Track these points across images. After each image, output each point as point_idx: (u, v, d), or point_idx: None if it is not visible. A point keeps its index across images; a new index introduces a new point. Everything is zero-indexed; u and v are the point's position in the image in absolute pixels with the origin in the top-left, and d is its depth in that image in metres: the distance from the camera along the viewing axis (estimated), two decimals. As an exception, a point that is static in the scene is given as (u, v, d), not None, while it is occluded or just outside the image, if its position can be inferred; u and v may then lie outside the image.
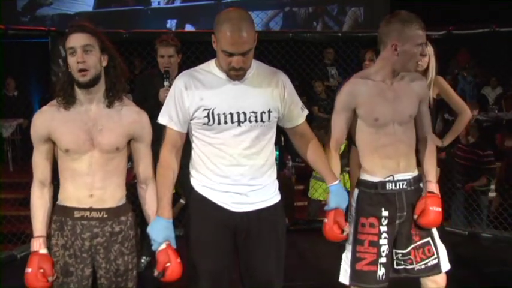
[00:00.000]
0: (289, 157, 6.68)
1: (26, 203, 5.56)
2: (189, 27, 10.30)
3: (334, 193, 2.36)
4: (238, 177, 2.21)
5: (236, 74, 2.15)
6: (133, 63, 7.07)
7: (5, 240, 5.04)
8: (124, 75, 2.25)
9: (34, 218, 2.22)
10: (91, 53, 2.13)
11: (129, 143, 2.27)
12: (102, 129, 2.17)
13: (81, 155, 2.17)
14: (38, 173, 2.24)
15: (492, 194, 5.99)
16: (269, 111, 2.21)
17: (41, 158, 2.23)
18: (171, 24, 10.48)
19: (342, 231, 2.39)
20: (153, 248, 2.18)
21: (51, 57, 4.42)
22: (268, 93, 2.22)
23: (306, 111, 2.38)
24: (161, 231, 2.16)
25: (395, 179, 2.46)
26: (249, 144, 2.20)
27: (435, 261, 2.52)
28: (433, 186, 2.53)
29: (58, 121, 2.17)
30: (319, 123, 6.01)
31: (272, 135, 2.29)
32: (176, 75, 3.69)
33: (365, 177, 2.51)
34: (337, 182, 2.36)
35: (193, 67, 2.30)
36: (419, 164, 2.60)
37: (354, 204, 2.52)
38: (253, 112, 2.18)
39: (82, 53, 2.11)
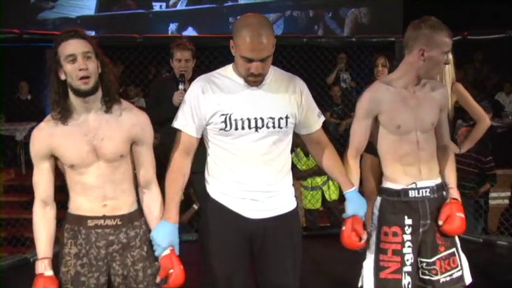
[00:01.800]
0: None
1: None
2: (191, 31, 10.28)
3: (350, 200, 2.34)
4: (255, 183, 2.20)
5: (254, 80, 2.13)
6: (147, 67, 7.10)
7: (19, 243, 5.07)
8: (117, 80, 2.19)
9: (37, 240, 2.18)
10: (91, 60, 2.06)
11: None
12: (104, 139, 2.12)
13: (87, 167, 2.12)
14: (40, 192, 2.18)
15: (498, 202, 5.98)
16: (286, 117, 2.20)
17: (42, 176, 2.17)
18: (173, 28, 10.48)
19: (360, 239, 2.35)
20: (156, 253, 2.16)
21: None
22: (286, 99, 2.21)
23: (323, 118, 2.37)
24: (166, 236, 2.15)
25: (418, 186, 2.43)
26: (266, 150, 2.19)
27: (459, 273, 2.49)
28: (456, 193, 2.51)
29: (58, 137, 2.11)
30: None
31: (289, 141, 2.27)
32: (190, 79, 3.75)
33: (387, 185, 2.48)
34: (353, 188, 2.34)
35: (206, 72, 2.29)
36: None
37: (376, 212, 2.49)
38: (270, 118, 2.17)
39: (84, 60, 2.04)
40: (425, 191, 2.44)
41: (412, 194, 2.43)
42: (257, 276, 2.31)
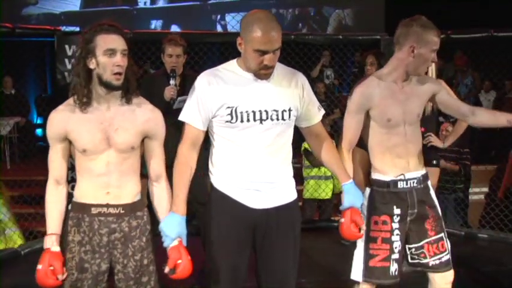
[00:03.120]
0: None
1: (26, 200, 5.64)
2: (174, 28, 10.31)
3: (347, 192, 2.40)
4: (258, 174, 2.25)
5: (266, 73, 2.20)
6: (137, 63, 7.07)
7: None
8: (135, 75, 2.27)
9: (48, 216, 2.24)
10: (125, 57, 2.16)
11: (142, 141, 2.29)
12: (118, 129, 2.19)
13: (98, 154, 2.18)
14: (54, 171, 2.26)
15: (480, 197, 6.15)
16: (289, 110, 2.26)
17: (57, 156, 2.24)
18: (156, 25, 10.48)
19: (360, 229, 2.41)
20: (165, 244, 2.20)
21: (57, 57, 4.47)
22: (289, 92, 2.28)
23: (323, 111, 2.43)
24: (175, 228, 2.19)
25: (406, 177, 2.53)
26: (270, 142, 2.25)
27: (448, 257, 2.60)
28: None
29: (75, 121, 2.18)
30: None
31: (290, 133, 2.34)
32: (181, 75, 3.79)
33: (377, 176, 2.57)
34: (350, 181, 2.41)
35: (195, 68, 2.33)
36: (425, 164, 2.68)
37: (365, 202, 2.57)
38: (274, 110, 2.23)
39: (122, 57, 2.14)
40: (413, 182, 2.55)
41: (400, 185, 2.53)
42: (258, 264, 2.36)
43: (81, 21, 9.93)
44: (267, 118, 2.23)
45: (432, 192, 2.65)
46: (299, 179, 6.56)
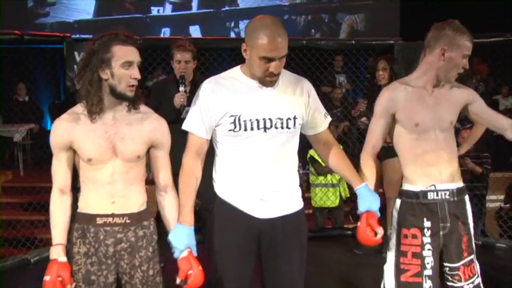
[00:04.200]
0: (300, 164, 6.67)
1: (35, 207, 5.65)
2: (195, 29, 10.34)
3: (361, 196, 2.31)
4: (263, 183, 2.21)
5: (272, 80, 2.15)
6: (147, 69, 7.10)
7: (19, 244, 5.09)
8: (141, 84, 2.23)
9: (53, 226, 2.21)
10: (139, 69, 2.14)
11: (147, 151, 2.26)
12: (124, 138, 2.16)
13: (104, 164, 2.16)
14: (58, 180, 2.23)
15: (496, 204, 6.01)
16: (294, 118, 2.21)
17: (61, 165, 2.21)
18: (166, 33, 10.50)
19: (375, 233, 2.29)
20: (175, 255, 2.17)
21: (66, 63, 4.46)
22: (294, 100, 2.23)
23: (329, 118, 2.38)
24: (183, 239, 2.15)
25: (437, 188, 2.42)
26: (275, 151, 2.20)
27: (479, 280, 2.48)
28: None
29: (80, 130, 2.15)
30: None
31: (295, 142, 2.29)
32: (191, 81, 3.76)
33: (406, 187, 2.48)
34: (363, 184, 2.32)
35: (205, 73, 2.29)
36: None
37: (395, 214, 2.49)
38: (279, 118, 2.18)
39: (137, 70, 2.12)
40: (445, 194, 2.42)
41: (431, 196, 2.42)
42: (264, 273, 2.32)
43: (94, 29, 10.02)
44: (271, 126, 2.18)
45: (469, 208, 2.52)
46: (308, 186, 6.54)
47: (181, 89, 3.65)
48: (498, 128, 2.56)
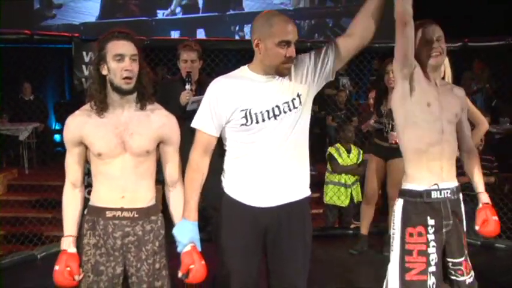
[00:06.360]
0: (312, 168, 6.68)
1: (42, 204, 5.74)
2: (200, 32, 10.34)
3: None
4: (272, 170, 2.26)
5: (288, 67, 2.22)
6: (154, 69, 7.15)
7: (26, 240, 5.17)
8: (151, 81, 2.31)
9: (65, 218, 2.29)
10: (135, 62, 2.20)
11: (157, 146, 2.32)
12: (133, 133, 2.23)
13: (113, 158, 2.22)
14: (70, 174, 2.31)
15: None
16: (298, 95, 2.27)
17: (73, 160, 2.30)
18: (174, 35, 10.53)
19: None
20: (178, 249, 2.23)
21: (74, 63, 4.52)
22: (292, 79, 2.27)
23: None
24: (187, 233, 2.21)
25: (440, 187, 2.45)
26: (284, 135, 2.25)
27: (473, 274, 2.55)
28: (486, 197, 2.60)
29: (91, 126, 2.23)
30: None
31: (305, 124, 2.32)
32: (197, 81, 3.81)
33: (409, 186, 2.49)
34: None
35: (211, 74, 2.35)
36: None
37: (398, 214, 2.50)
38: (285, 103, 2.24)
39: (130, 62, 2.18)
40: (447, 192, 2.46)
41: (434, 195, 2.45)
42: (268, 264, 2.37)
43: (99, 32, 9.99)
44: (280, 112, 2.24)
45: (463, 207, 2.57)
46: (315, 186, 6.53)
47: (188, 87, 3.71)
48: (460, 143, 2.60)
